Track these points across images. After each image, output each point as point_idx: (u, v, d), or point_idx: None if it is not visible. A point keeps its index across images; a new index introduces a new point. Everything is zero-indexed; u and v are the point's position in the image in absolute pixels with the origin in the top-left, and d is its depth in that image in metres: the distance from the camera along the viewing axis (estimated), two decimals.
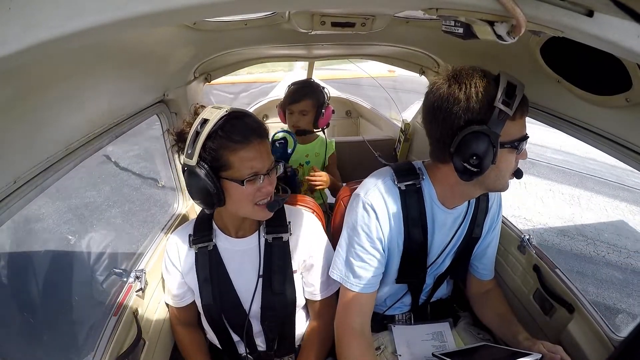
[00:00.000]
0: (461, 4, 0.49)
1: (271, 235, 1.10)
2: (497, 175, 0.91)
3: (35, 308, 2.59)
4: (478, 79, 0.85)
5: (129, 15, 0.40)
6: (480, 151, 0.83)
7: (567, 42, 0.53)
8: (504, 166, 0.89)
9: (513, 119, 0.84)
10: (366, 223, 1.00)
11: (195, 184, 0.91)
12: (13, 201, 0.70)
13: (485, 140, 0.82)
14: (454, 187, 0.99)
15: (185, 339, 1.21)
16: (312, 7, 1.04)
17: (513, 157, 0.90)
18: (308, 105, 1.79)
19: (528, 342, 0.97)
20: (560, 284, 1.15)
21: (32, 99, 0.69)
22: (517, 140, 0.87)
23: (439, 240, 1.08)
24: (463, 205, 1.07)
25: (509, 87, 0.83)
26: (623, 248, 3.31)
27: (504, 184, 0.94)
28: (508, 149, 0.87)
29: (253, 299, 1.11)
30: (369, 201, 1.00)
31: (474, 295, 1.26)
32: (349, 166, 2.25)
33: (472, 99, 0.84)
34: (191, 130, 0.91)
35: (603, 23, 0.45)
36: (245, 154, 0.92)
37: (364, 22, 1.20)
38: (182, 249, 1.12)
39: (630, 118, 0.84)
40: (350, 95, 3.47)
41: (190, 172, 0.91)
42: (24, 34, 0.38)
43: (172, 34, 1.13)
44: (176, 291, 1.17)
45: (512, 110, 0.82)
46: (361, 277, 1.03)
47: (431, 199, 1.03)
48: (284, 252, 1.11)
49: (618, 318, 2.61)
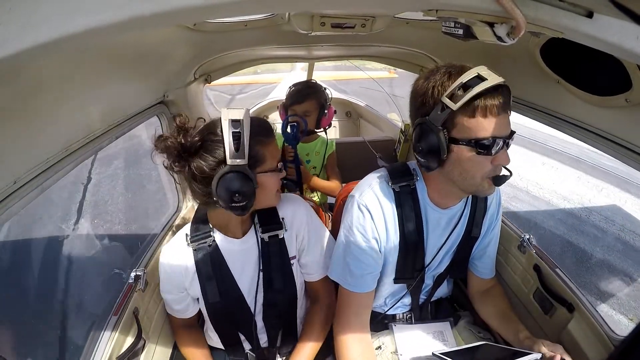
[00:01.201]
0: (461, 5, 0.49)
1: (267, 234, 1.10)
2: (463, 174, 0.89)
3: (35, 307, 2.59)
4: (443, 74, 0.85)
5: (129, 17, 0.40)
6: (426, 143, 0.87)
7: (567, 42, 0.53)
8: (468, 166, 0.86)
9: (471, 116, 0.81)
10: (361, 223, 1.01)
11: (245, 186, 0.90)
12: (13, 201, 0.70)
13: (429, 133, 0.85)
14: (442, 187, 1.00)
15: (186, 339, 1.21)
16: (312, 9, 1.04)
17: (480, 158, 0.85)
18: (311, 106, 1.80)
19: (529, 341, 0.97)
20: (560, 283, 1.15)
21: (32, 99, 0.69)
22: (476, 140, 0.83)
23: (434, 240, 1.08)
24: (459, 205, 1.06)
25: (472, 81, 0.79)
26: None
27: (476, 185, 0.90)
28: (468, 148, 0.84)
29: (257, 296, 1.11)
30: (363, 202, 1.01)
31: (475, 294, 1.26)
32: (349, 166, 2.25)
33: (427, 93, 0.86)
34: (225, 132, 0.88)
35: (602, 24, 0.45)
36: (273, 145, 1.01)
37: (364, 23, 1.20)
38: (180, 257, 1.10)
39: (630, 118, 0.85)
40: (350, 96, 3.48)
41: (240, 174, 0.89)
42: (24, 34, 0.38)
43: (172, 35, 1.13)
44: (178, 307, 1.16)
45: (458, 104, 0.79)
46: (358, 277, 1.03)
47: (424, 199, 1.03)
48: (281, 249, 1.12)
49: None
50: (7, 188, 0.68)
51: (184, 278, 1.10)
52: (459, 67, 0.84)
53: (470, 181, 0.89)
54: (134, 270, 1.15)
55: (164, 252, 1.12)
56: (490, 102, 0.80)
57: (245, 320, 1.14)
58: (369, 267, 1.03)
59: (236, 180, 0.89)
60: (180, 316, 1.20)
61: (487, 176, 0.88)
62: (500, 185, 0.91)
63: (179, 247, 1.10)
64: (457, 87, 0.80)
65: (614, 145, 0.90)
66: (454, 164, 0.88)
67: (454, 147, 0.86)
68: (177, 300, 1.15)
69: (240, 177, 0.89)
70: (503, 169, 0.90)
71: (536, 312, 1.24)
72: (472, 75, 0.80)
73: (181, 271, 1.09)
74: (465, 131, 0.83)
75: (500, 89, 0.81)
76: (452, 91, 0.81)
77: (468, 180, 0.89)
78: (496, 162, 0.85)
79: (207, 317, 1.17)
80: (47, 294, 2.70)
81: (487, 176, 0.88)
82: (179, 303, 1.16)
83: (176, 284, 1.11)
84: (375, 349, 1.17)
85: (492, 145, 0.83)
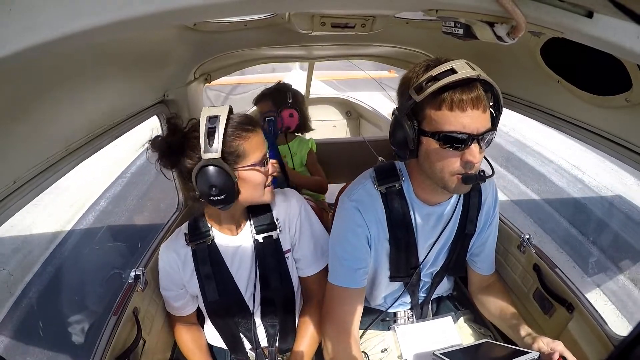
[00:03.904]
0: (461, 5, 0.49)
1: (261, 235, 1.11)
2: (431, 167, 0.88)
3: (35, 307, 2.59)
4: (422, 66, 0.85)
5: (129, 16, 0.40)
6: (396, 134, 0.88)
7: (567, 42, 0.53)
8: (434, 159, 0.86)
9: (438, 109, 0.81)
10: (352, 220, 1.03)
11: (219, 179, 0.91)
12: (13, 201, 0.70)
13: (398, 123, 0.87)
14: (424, 182, 0.99)
15: (186, 337, 1.22)
16: (312, 9, 1.04)
17: (446, 152, 0.83)
18: (266, 107, 1.85)
19: (529, 337, 0.97)
20: (560, 283, 1.15)
21: (32, 99, 0.69)
22: (440, 132, 0.82)
23: (425, 237, 1.08)
24: (450, 202, 1.05)
25: (442, 74, 0.78)
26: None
27: (444, 181, 0.88)
28: (434, 140, 0.83)
29: (255, 294, 1.12)
30: (353, 201, 1.03)
31: (475, 291, 1.26)
32: (349, 166, 2.25)
33: (405, 84, 0.88)
34: (202, 129, 0.91)
35: (603, 24, 0.45)
36: (256, 140, 0.99)
37: (364, 23, 1.20)
38: (179, 255, 1.11)
39: (630, 118, 0.85)
40: (350, 96, 3.48)
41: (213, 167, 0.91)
42: (24, 35, 0.38)
43: (172, 34, 1.13)
44: (176, 304, 1.18)
45: (421, 95, 0.79)
46: (347, 272, 1.04)
47: (411, 197, 1.03)
48: (276, 250, 1.12)
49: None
50: (7, 188, 0.68)
51: (183, 275, 1.12)
52: (439, 61, 0.83)
53: (439, 175, 0.88)
54: (133, 270, 1.15)
55: (163, 249, 1.13)
56: (459, 96, 0.79)
57: (243, 318, 1.15)
58: (358, 262, 1.04)
59: (210, 174, 0.91)
60: (179, 314, 1.20)
61: (456, 172, 0.86)
62: (469, 184, 0.87)
63: (178, 245, 1.12)
64: (426, 79, 0.80)
65: (614, 145, 0.90)
66: (424, 157, 0.88)
67: (423, 139, 0.86)
68: (176, 297, 1.16)
69: (214, 171, 0.91)
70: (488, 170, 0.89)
71: (536, 312, 1.24)
72: (444, 68, 0.79)
73: (180, 269, 1.11)
74: (431, 124, 0.83)
75: (476, 84, 0.80)
76: (421, 83, 0.81)
77: (437, 174, 0.88)
78: (464, 159, 0.83)
79: (206, 316, 1.18)
80: (47, 293, 2.71)
81: (456, 172, 0.86)
82: (178, 300, 1.17)
83: (175, 281, 1.13)
84: (381, 351, 1.17)
85: (458, 140, 0.81)
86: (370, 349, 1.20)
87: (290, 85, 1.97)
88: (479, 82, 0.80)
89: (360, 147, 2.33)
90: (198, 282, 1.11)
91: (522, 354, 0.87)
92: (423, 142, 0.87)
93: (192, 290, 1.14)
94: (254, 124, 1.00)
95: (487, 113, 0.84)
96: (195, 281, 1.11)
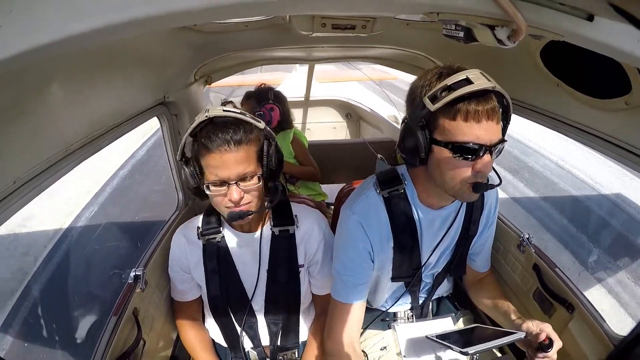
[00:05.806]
0: (462, 8, 0.49)
1: (277, 228, 1.12)
2: (442, 176, 0.88)
3: (35, 307, 2.59)
4: (435, 74, 0.85)
5: (130, 18, 0.40)
6: (407, 141, 0.88)
7: (567, 45, 0.53)
8: (446, 168, 0.86)
9: (452, 119, 0.81)
10: (354, 236, 1.03)
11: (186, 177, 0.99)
12: (12, 201, 0.70)
13: (409, 130, 0.87)
14: (429, 188, 0.99)
15: (191, 334, 1.22)
16: (313, 11, 1.04)
17: (459, 162, 0.84)
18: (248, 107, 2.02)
19: (519, 320, 1.00)
20: (560, 283, 1.15)
21: (33, 100, 0.69)
22: (454, 143, 0.82)
23: (429, 239, 1.09)
24: (454, 205, 1.06)
25: (457, 84, 0.78)
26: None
27: (455, 189, 0.88)
28: (446, 150, 0.84)
29: (255, 290, 1.13)
30: (355, 214, 1.02)
31: (470, 284, 1.29)
32: (350, 167, 2.26)
33: (417, 92, 0.87)
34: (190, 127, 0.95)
35: (603, 28, 0.45)
36: (211, 162, 0.92)
37: (364, 24, 1.21)
38: (189, 243, 1.14)
39: (630, 121, 0.85)
40: (350, 98, 3.48)
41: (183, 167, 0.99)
42: (25, 36, 0.38)
43: (172, 36, 1.13)
44: (181, 286, 1.20)
45: (436, 105, 0.79)
46: (348, 288, 1.05)
47: (415, 201, 1.04)
48: (290, 245, 1.13)
49: None
50: (7, 188, 0.68)
51: (189, 261, 1.15)
52: (452, 69, 0.83)
53: (450, 184, 0.88)
54: (133, 270, 1.15)
55: (177, 234, 1.17)
56: (474, 107, 0.79)
57: (245, 315, 1.16)
58: (359, 278, 1.05)
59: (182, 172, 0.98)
60: (182, 299, 1.22)
61: (467, 181, 0.86)
62: (479, 192, 0.89)
63: (190, 233, 1.15)
64: (441, 88, 0.80)
65: (614, 148, 0.90)
66: (435, 165, 0.88)
67: (435, 148, 0.86)
68: (181, 280, 1.19)
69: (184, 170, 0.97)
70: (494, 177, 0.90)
71: (536, 312, 1.24)
72: (459, 78, 0.79)
73: (188, 258, 1.14)
74: (445, 133, 0.83)
75: (491, 96, 0.80)
76: (435, 92, 0.80)
77: (448, 182, 0.88)
78: (476, 168, 0.83)
79: (209, 310, 1.19)
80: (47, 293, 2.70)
81: (467, 181, 0.86)
82: (183, 283, 1.19)
83: (182, 265, 1.16)
84: (380, 349, 1.19)
85: (471, 150, 0.82)
86: (369, 347, 1.21)
87: (272, 87, 2.17)
88: (493, 93, 0.81)
89: (360, 148, 2.34)
90: (204, 274, 1.13)
91: (510, 334, 0.91)
92: (434, 150, 0.86)
93: (197, 278, 1.17)
94: (219, 145, 0.89)
95: (500, 124, 0.84)
96: (201, 271, 1.14)
